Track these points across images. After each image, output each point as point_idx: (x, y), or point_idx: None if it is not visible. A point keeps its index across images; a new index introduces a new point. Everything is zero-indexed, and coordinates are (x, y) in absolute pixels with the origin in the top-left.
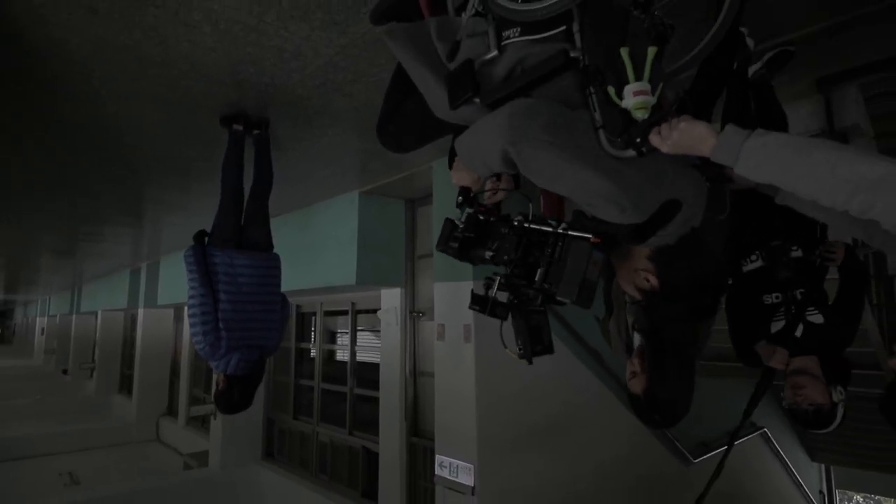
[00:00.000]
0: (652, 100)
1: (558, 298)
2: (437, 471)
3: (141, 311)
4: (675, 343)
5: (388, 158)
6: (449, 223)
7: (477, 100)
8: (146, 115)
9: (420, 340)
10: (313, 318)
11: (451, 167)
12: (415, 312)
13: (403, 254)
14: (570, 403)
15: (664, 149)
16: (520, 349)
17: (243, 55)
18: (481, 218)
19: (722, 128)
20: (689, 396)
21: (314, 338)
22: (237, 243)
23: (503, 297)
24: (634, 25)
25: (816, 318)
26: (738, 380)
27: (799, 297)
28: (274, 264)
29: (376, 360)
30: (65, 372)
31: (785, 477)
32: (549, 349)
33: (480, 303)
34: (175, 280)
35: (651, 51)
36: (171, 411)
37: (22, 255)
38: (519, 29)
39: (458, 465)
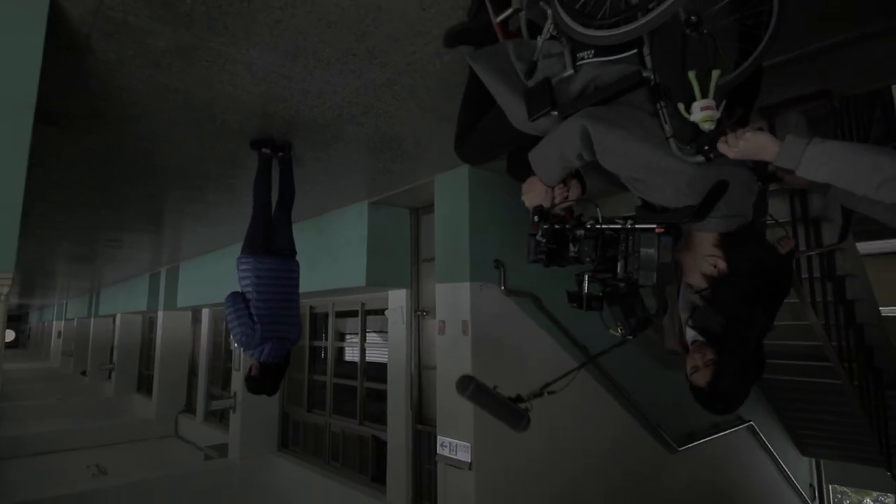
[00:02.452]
0: (717, 114)
1: (641, 284)
2: (439, 450)
3: (161, 314)
4: (740, 335)
5: (395, 174)
6: (532, 239)
7: (554, 112)
8: (183, 140)
9: (424, 337)
10: (326, 317)
11: (511, 173)
12: (419, 311)
13: (409, 258)
14: (558, 392)
15: (731, 155)
16: (620, 329)
17: (275, 94)
18: (557, 227)
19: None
20: (749, 386)
21: (327, 336)
22: (266, 249)
23: (595, 290)
24: (692, 45)
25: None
26: None
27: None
28: (295, 269)
29: (382, 359)
30: (83, 373)
31: (773, 470)
32: (645, 322)
33: (577, 300)
34: (194, 284)
35: (715, 74)
36: (189, 408)
37: (38, 261)
38: (593, 51)
39: (457, 444)
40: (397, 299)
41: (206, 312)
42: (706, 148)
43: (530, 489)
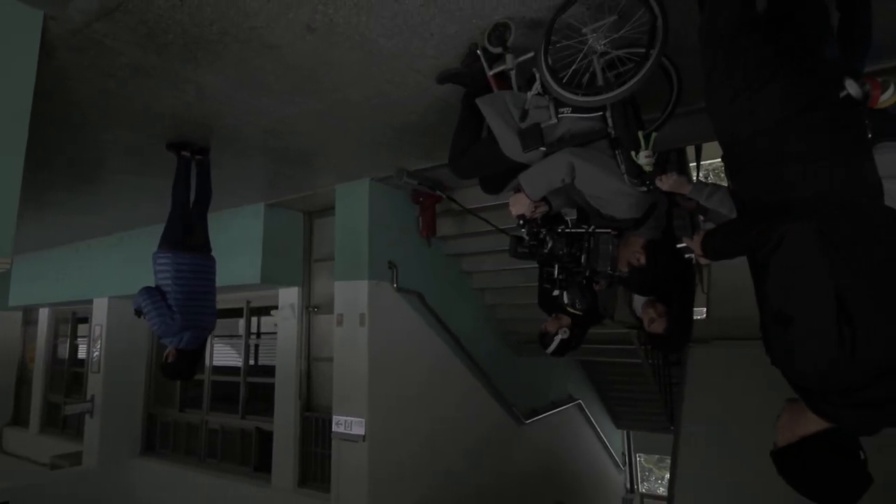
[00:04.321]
0: (653, 160)
1: (598, 270)
2: (334, 428)
3: None
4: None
5: (298, 180)
6: (515, 238)
7: (543, 148)
8: (96, 130)
9: (314, 331)
10: None
11: (481, 186)
12: (311, 308)
13: (301, 257)
14: (435, 374)
15: (663, 188)
16: (578, 307)
17: (212, 110)
18: (535, 231)
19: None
20: (690, 331)
21: None
22: (184, 246)
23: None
24: (629, 109)
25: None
26: (561, 360)
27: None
28: (212, 263)
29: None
30: None
31: (596, 440)
32: (593, 304)
33: (552, 282)
34: (32, 281)
35: (653, 135)
36: (18, 420)
37: None
38: (570, 109)
39: (351, 421)
40: (289, 296)
41: (44, 312)
42: (647, 182)
43: (418, 461)
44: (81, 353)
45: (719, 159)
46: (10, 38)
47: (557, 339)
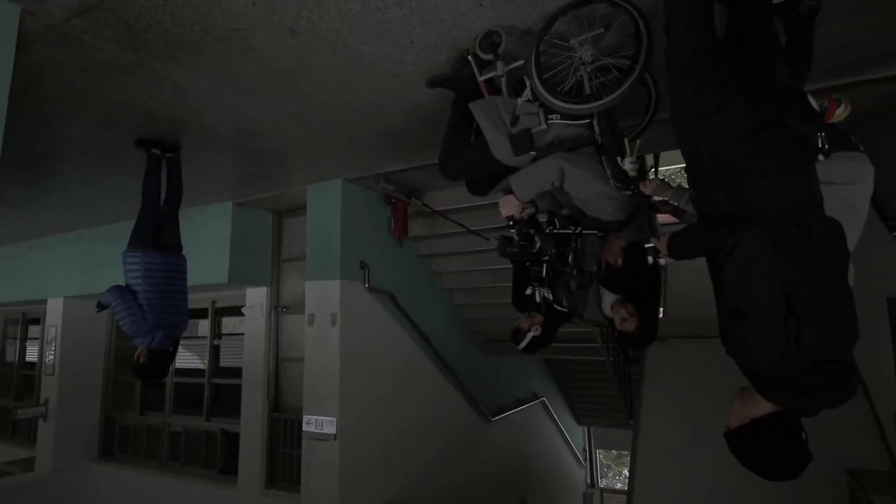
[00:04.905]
0: (637, 165)
1: (584, 269)
2: (305, 427)
3: None
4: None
5: (273, 179)
6: (504, 238)
7: (533, 153)
8: (70, 132)
9: (283, 331)
10: None
11: (468, 188)
12: (279, 308)
13: (270, 257)
14: (406, 373)
15: (646, 192)
16: (564, 305)
17: (189, 108)
18: (524, 231)
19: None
20: (656, 328)
21: None
22: (154, 243)
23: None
24: (613, 117)
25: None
26: (526, 358)
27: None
28: (183, 262)
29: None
30: None
31: (559, 436)
32: (574, 302)
33: (539, 280)
34: None
35: (637, 143)
36: None
37: None
38: (559, 115)
39: (322, 420)
40: (256, 296)
41: None
42: (632, 186)
43: (389, 460)
44: (31, 356)
45: (674, 166)
46: None
47: (529, 335)
